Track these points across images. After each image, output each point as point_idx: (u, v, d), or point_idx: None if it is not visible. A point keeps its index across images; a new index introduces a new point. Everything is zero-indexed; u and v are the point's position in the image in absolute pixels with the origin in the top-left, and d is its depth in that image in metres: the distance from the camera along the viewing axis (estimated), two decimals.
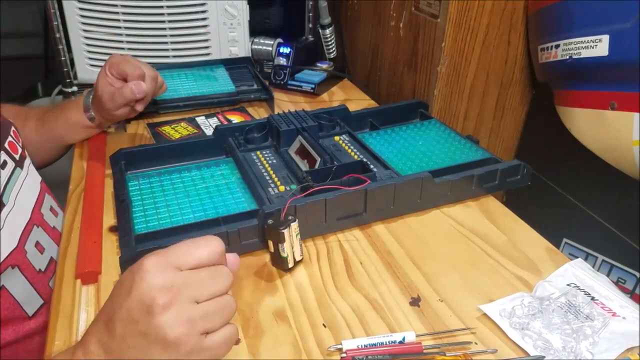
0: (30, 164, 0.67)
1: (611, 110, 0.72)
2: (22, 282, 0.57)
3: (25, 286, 0.57)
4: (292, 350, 0.45)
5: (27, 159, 0.66)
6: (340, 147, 0.75)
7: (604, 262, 0.84)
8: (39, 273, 0.59)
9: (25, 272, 0.57)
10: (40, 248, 0.60)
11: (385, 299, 0.51)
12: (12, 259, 0.54)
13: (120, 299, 0.37)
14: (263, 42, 1.09)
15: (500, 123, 0.99)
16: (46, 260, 0.61)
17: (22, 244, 0.56)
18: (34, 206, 0.62)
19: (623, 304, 0.49)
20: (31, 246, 0.59)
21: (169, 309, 0.36)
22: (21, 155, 0.64)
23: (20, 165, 0.63)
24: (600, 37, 0.69)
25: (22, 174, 0.62)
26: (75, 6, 0.95)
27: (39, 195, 0.65)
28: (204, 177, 0.67)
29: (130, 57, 0.73)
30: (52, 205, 0.68)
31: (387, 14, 1.00)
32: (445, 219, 0.64)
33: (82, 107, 0.76)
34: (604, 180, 0.80)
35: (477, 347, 0.45)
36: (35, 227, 0.60)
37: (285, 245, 0.53)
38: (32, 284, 0.58)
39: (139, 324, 0.35)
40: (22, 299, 0.56)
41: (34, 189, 0.65)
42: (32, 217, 0.61)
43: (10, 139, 0.63)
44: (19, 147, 0.64)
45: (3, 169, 0.58)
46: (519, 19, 0.87)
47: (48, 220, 0.65)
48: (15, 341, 0.56)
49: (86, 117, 0.76)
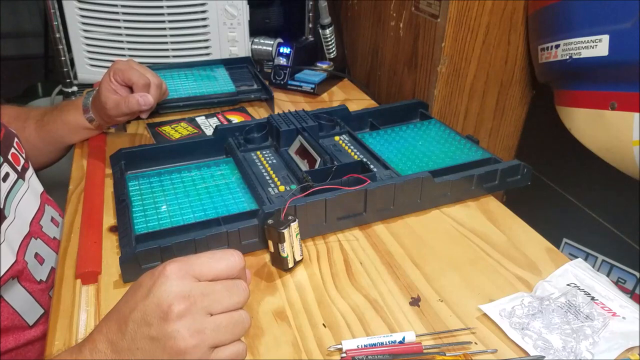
0: (33, 175, 0.67)
1: (611, 110, 0.72)
2: (21, 292, 0.56)
3: (25, 297, 0.57)
4: (292, 350, 0.45)
5: (29, 170, 0.66)
6: (340, 147, 0.75)
7: (604, 262, 0.84)
8: (39, 283, 0.59)
9: (24, 283, 0.57)
10: (40, 259, 0.60)
11: (385, 299, 0.51)
12: (13, 271, 0.54)
13: (136, 299, 0.37)
14: (263, 42, 1.09)
15: (500, 123, 0.99)
16: (47, 271, 0.61)
17: (21, 256, 0.56)
18: (33, 218, 0.62)
19: (623, 304, 0.49)
20: (31, 257, 0.58)
21: (182, 318, 0.36)
22: (23, 167, 0.64)
23: (22, 176, 0.63)
24: (600, 37, 0.69)
25: (23, 185, 0.62)
26: (75, 6, 0.95)
27: (39, 207, 0.64)
28: (204, 177, 0.67)
29: (135, 63, 0.73)
30: (53, 216, 0.67)
31: (387, 14, 1.00)
32: (445, 219, 0.64)
33: (82, 109, 0.75)
34: (603, 180, 0.80)
35: (477, 347, 0.45)
36: (33, 239, 0.60)
37: (285, 245, 0.53)
38: (32, 294, 0.58)
39: (151, 327, 0.36)
40: (22, 309, 0.56)
41: (34, 201, 0.64)
42: (30, 229, 0.60)
43: (14, 150, 0.63)
44: (21, 158, 0.64)
45: (4, 181, 0.58)
46: (519, 19, 0.87)
47: (47, 232, 0.64)
48: (16, 348, 0.56)
49: (85, 118, 0.75)
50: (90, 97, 0.75)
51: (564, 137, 0.81)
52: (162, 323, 0.36)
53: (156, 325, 0.36)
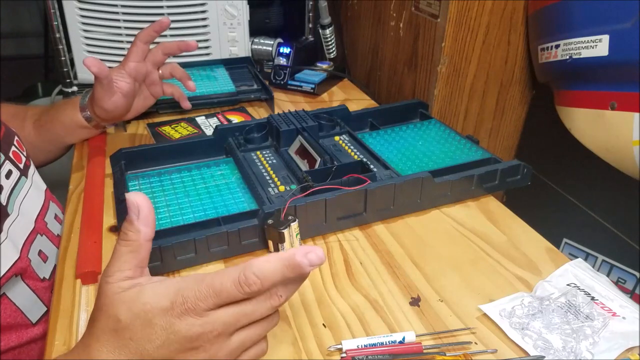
0: (35, 172, 0.67)
1: (611, 110, 0.72)
2: (25, 290, 0.56)
3: (29, 294, 0.57)
4: (292, 350, 0.45)
5: (32, 167, 0.66)
6: (340, 147, 0.75)
7: (604, 262, 0.84)
8: (43, 281, 0.59)
9: (28, 281, 0.56)
10: (44, 256, 0.60)
11: (385, 299, 0.51)
12: (16, 268, 0.54)
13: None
14: (263, 42, 1.09)
15: (500, 123, 0.99)
16: (50, 268, 0.61)
17: (25, 253, 0.56)
18: (38, 214, 0.62)
19: (623, 304, 0.49)
20: (34, 255, 0.58)
21: None
22: (25, 164, 0.64)
23: (25, 174, 0.63)
24: (600, 37, 0.69)
25: (27, 182, 0.62)
26: (75, 6, 0.95)
27: (44, 204, 0.64)
28: (204, 177, 0.67)
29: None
30: (56, 213, 0.67)
31: (387, 14, 1.00)
32: (445, 219, 0.64)
33: (79, 107, 0.75)
34: (604, 180, 0.80)
35: (477, 347, 0.45)
36: (38, 236, 0.60)
37: (285, 245, 0.53)
38: (35, 292, 0.57)
39: None
40: (25, 306, 0.56)
41: (38, 197, 0.64)
42: (35, 225, 0.60)
43: (14, 149, 0.63)
44: (22, 156, 0.64)
45: (8, 178, 0.58)
46: (519, 19, 0.87)
47: (52, 229, 0.64)
48: (19, 346, 0.56)
49: (82, 116, 0.75)
50: (87, 96, 0.75)
51: (564, 137, 0.81)
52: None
53: None
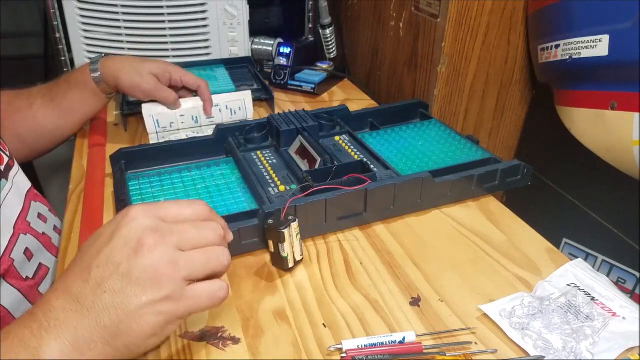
0: (18, 173, 0.64)
1: (611, 110, 0.72)
2: (9, 290, 0.56)
3: (14, 294, 0.56)
4: (292, 350, 0.45)
5: (14, 167, 0.64)
6: (341, 147, 0.75)
7: (604, 262, 0.84)
8: (26, 280, 0.58)
9: (11, 280, 0.56)
10: (29, 254, 0.59)
11: (385, 299, 0.51)
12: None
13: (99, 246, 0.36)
14: (263, 42, 1.09)
15: (500, 123, 0.99)
16: (34, 268, 0.60)
17: (7, 254, 0.55)
18: (18, 217, 0.60)
19: (623, 304, 0.49)
20: (19, 253, 0.57)
21: (154, 250, 0.35)
22: (7, 165, 0.62)
23: (5, 176, 0.61)
24: (600, 37, 0.69)
25: (6, 186, 0.61)
26: (75, 6, 0.95)
27: (24, 205, 0.63)
28: (204, 177, 0.67)
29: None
30: (40, 212, 0.65)
31: (387, 14, 1.00)
32: (445, 219, 0.64)
33: (88, 68, 0.76)
34: (604, 180, 0.80)
35: (477, 347, 0.45)
36: (22, 236, 0.59)
37: (285, 245, 0.53)
38: (20, 291, 0.57)
39: (120, 265, 0.35)
40: (12, 307, 0.55)
41: (17, 201, 0.62)
42: (16, 227, 0.59)
43: None
44: (5, 156, 0.62)
45: None
46: (519, 19, 0.87)
47: (35, 227, 0.63)
48: None
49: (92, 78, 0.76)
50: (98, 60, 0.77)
51: (564, 137, 0.81)
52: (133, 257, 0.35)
53: (125, 262, 0.35)
